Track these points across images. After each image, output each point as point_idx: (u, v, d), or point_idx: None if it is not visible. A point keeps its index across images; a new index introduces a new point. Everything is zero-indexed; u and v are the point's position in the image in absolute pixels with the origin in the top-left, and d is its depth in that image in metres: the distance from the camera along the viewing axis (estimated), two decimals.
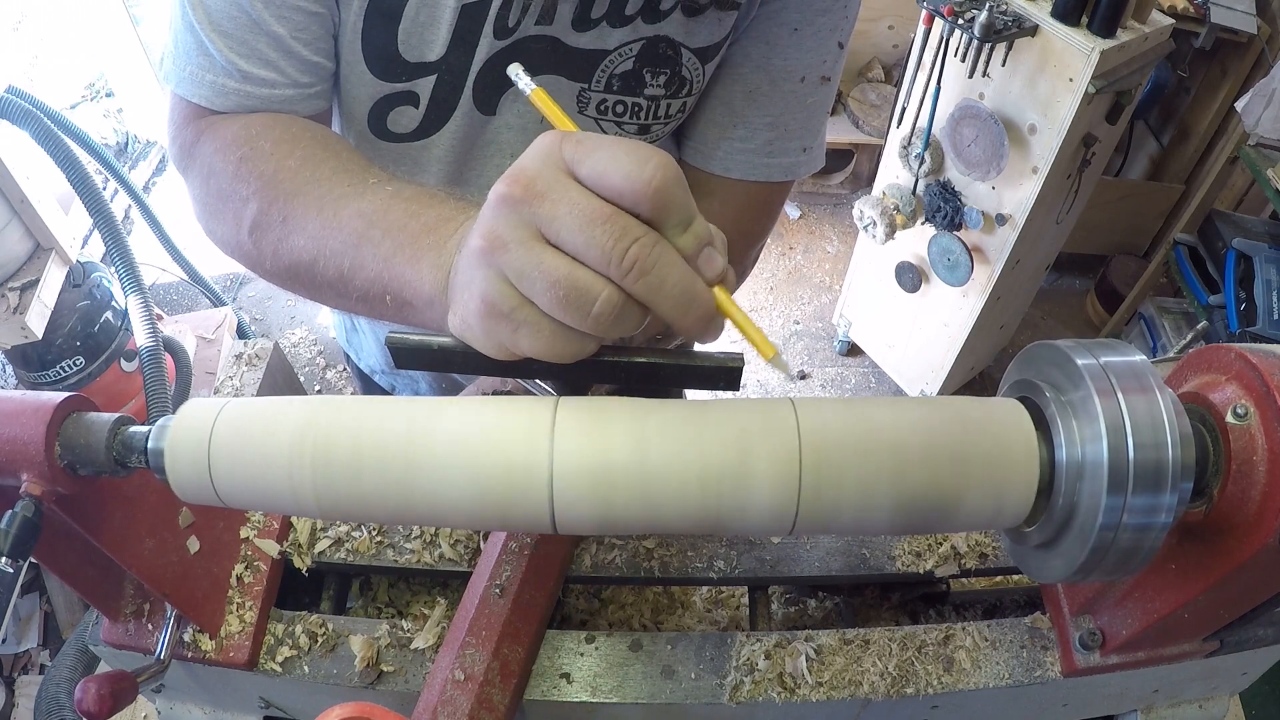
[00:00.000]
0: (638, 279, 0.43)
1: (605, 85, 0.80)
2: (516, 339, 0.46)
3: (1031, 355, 0.50)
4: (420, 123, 0.80)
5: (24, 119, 1.63)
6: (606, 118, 0.83)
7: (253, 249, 0.68)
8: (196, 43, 0.70)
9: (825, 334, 3.12)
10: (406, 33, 0.73)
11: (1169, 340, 2.66)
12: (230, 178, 0.68)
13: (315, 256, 0.62)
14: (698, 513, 0.46)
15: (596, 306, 0.43)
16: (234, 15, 0.69)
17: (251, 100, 0.72)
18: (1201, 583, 0.51)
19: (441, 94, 0.78)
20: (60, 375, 1.93)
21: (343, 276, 0.60)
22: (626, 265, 0.42)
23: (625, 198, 0.43)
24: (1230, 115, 2.74)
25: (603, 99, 0.81)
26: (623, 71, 0.79)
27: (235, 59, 0.70)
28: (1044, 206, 2.15)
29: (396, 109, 0.79)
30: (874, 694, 0.65)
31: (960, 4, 1.94)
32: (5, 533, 0.47)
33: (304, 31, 0.71)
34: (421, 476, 0.46)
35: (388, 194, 0.61)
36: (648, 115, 0.83)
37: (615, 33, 0.77)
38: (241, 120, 0.71)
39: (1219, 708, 0.76)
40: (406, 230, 0.57)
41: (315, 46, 0.72)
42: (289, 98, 0.73)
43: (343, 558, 0.74)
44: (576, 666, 0.68)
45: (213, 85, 0.71)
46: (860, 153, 3.44)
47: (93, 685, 0.56)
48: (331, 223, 0.61)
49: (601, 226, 0.42)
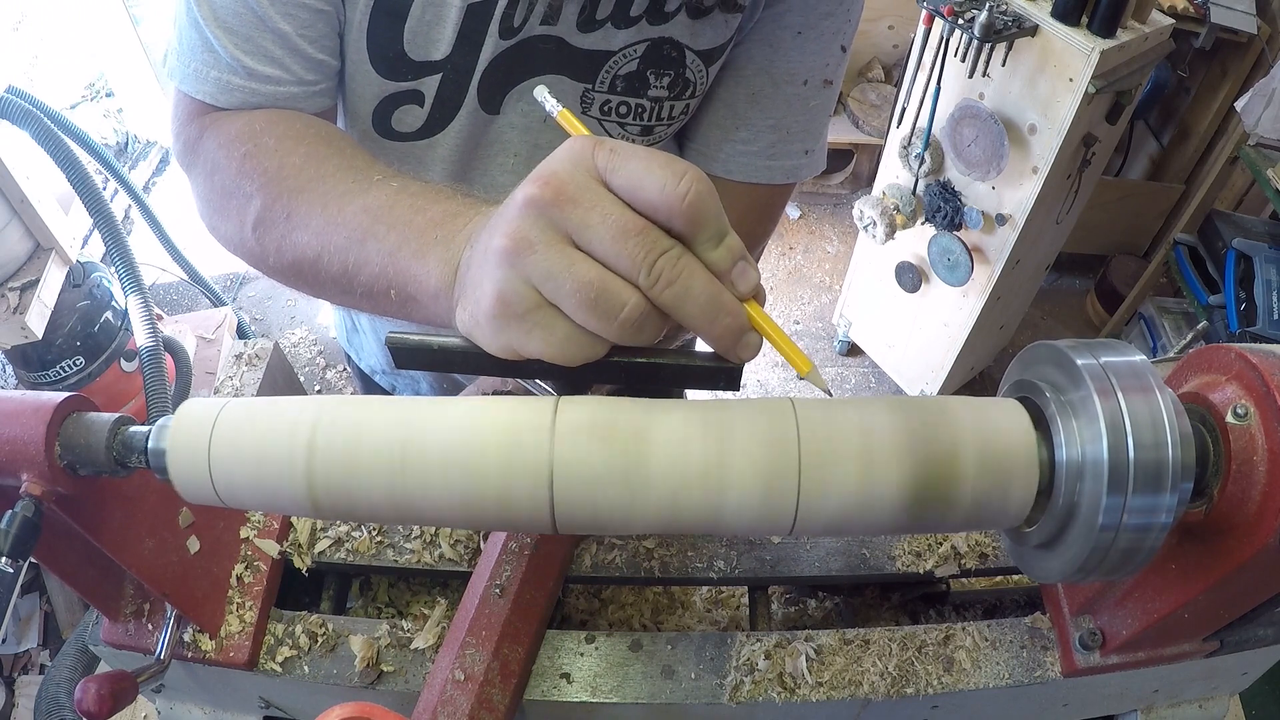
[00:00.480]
0: (665, 289, 0.43)
1: (609, 86, 0.80)
2: (528, 341, 0.46)
3: (1031, 355, 0.50)
4: (425, 122, 0.80)
5: (24, 119, 1.63)
6: (610, 118, 0.83)
7: (256, 246, 0.67)
8: (201, 39, 0.70)
9: (825, 334, 3.12)
10: (412, 32, 0.73)
11: (1169, 340, 2.66)
12: (234, 174, 0.68)
13: (319, 252, 0.62)
14: (698, 513, 0.46)
15: (625, 312, 0.43)
16: (240, 12, 0.69)
17: (256, 97, 0.72)
18: (1201, 583, 0.51)
19: (446, 93, 0.78)
20: (60, 375, 1.93)
21: (347, 272, 0.60)
22: (654, 276, 0.43)
23: (660, 211, 0.43)
24: (1230, 115, 2.74)
25: (606, 100, 0.81)
26: (627, 73, 0.79)
27: (240, 56, 0.70)
28: (1044, 206, 2.15)
29: (401, 108, 0.79)
30: (874, 694, 0.65)
31: (960, 4, 1.94)
32: (5, 533, 0.47)
33: (310, 29, 0.71)
34: (421, 476, 0.46)
35: (393, 189, 0.61)
36: (651, 117, 0.83)
37: (620, 34, 0.77)
38: (245, 116, 0.71)
39: (1219, 708, 0.76)
40: (412, 225, 0.57)
41: (321, 44, 0.72)
42: (294, 95, 0.73)
43: (343, 558, 0.74)
44: (576, 666, 0.68)
45: (217, 82, 0.71)
46: (860, 153, 3.44)
47: (93, 685, 0.56)
48: (336, 218, 0.61)
49: (635, 239, 0.43)
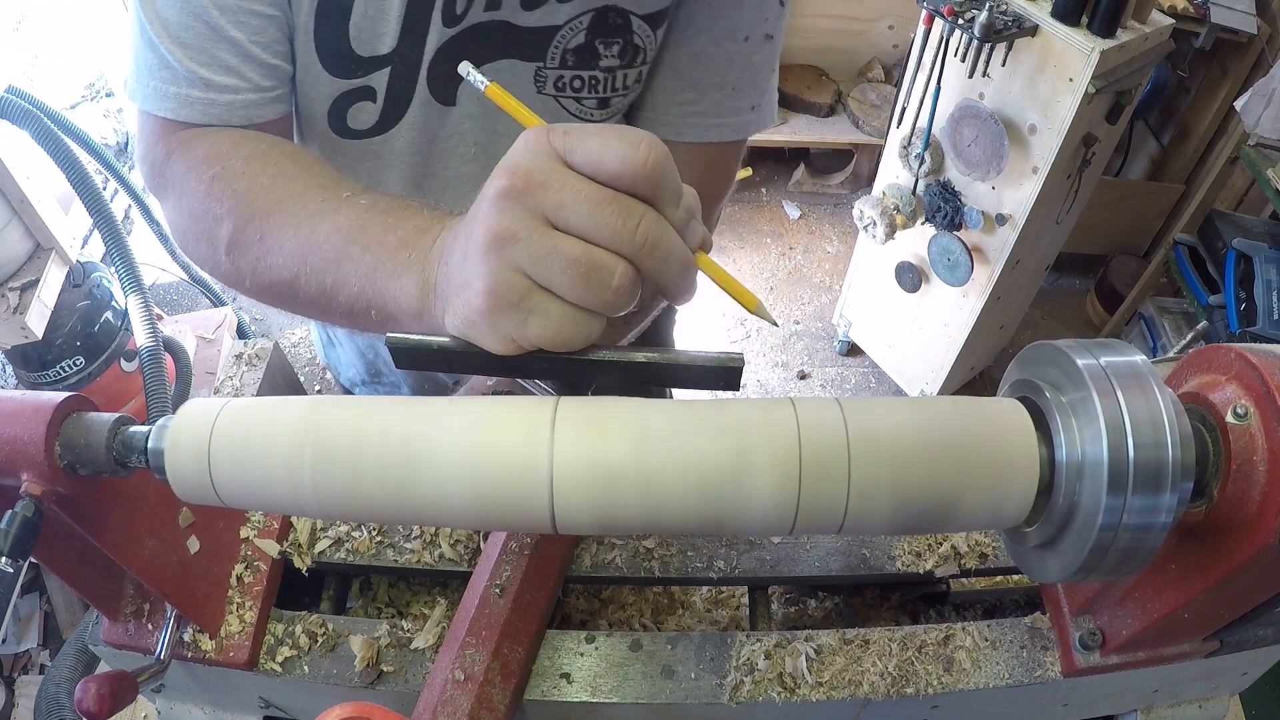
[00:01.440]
0: (650, 253, 0.46)
1: (560, 61, 0.80)
2: (525, 328, 0.47)
3: (1031, 355, 0.50)
4: (379, 117, 0.81)
5: (24, 119, 1.63)
6: (565, 94, 0.83)
7: (231, 269, 0.68)
8: (158, 57, 0.71)
9: (825, 334, 3.12)
10: (357, 27, 0.74)
11: (1169, 340, 2.66)
12: (203, 196, 0.69)
13: (296, 274, 0.62)
14: (698, 513, 0.46)
15: (615, 279, 0.45)
16: (191, 25, 0.70)
17: (216, 108, 0.72)
18: (1201, 583, 0.51)
19: (397, 86, 0.79)
20: (60, 375, 1.93)
21: (325, 293, 0.61)
22: (639, 241, 0.45)
23: (623, 179, 0.45)
24: (1230, 115, 2.74)
25: (559, 75, 0.81)
26: (575, 46, 0.79)
27: (196, 68, 0.71)
28: (1044, 206, 2.15)
29: (355, 105, 0.80)
30: (874, 694, 0.65)
31: (960, 4, 1.94)
32: (5, 533, 0.47)
33: (261, 35, 0.72)
34: (421, 476, 0.46)
35: (363, 207, 0.61)
36: (606, 88, 0.83)
37: (563, 7, 0.77)
38: (211, 139, 0.72)
39: (1219, 708, 0.76)
40: (385, 244, 0.58)
41: (273, 49, 0.73)
42: (252, 102, 0.74)
43: (343, 558, 0.74)
44: (576, 666, 0.68)
45: (177, 97, 0.72)
46: (860, 153, 3.44)
47: (93, 685, 0.56)
48: (309, 240, 0.62)
49: (611, 209, 0.45)
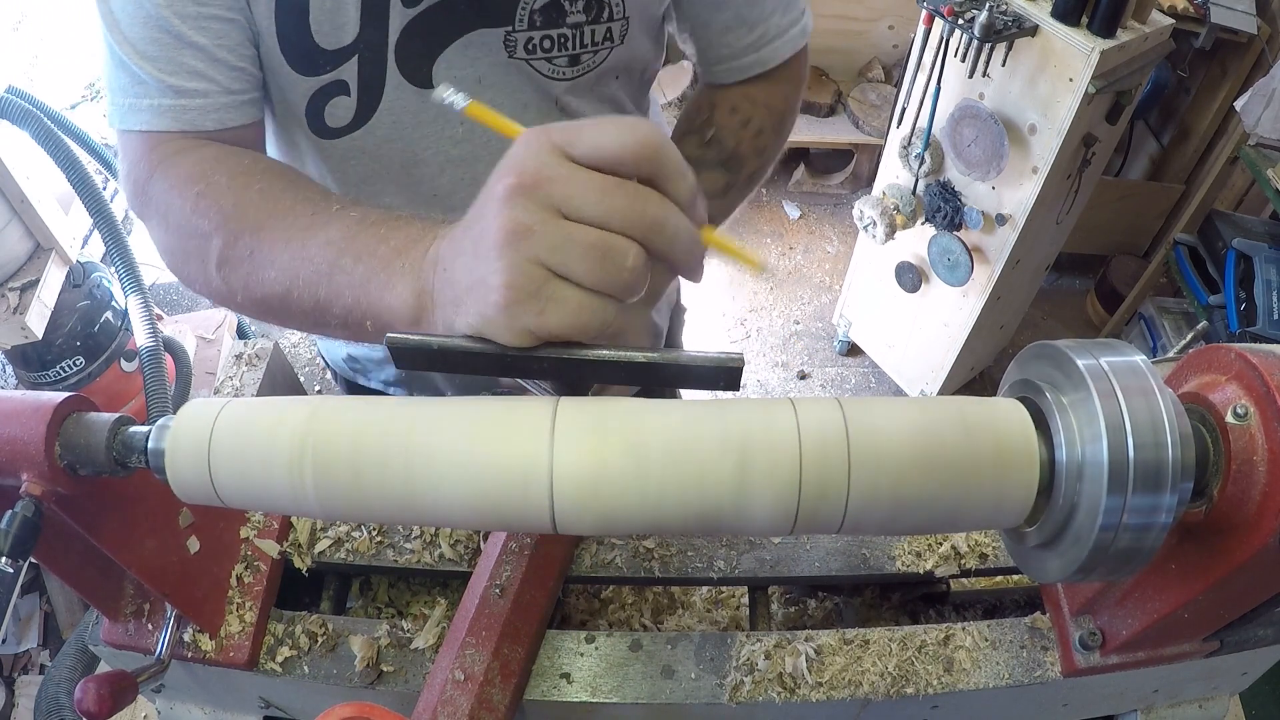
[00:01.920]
0: (659, 233, 0.47)
1: (528, 23, 0.81)
2: (544, 318, 0.47)
3: (1031, 355, 0.50)
4: (357, 109, 0.81)
5: (24, 119, 1.63)
6: (536, 55, 0.83)
7: (223, 285, 0.68)
8: (130, 75, 0.73)
9: (825, 334, 3.12)
10: (318, 21, 0.74)
11: (1169, 340, 2.66)
12: (189, 213, 0.69)
13: (288, 288, 0.62)
14: (698, 513, 0.46)
15: (630, 260, 0.46)
16: (156, 37, 0.71)
17: (189, 113, 0.73)
18: (1201, 583, 0.51)
19: (367, 73, 0.79)
20: (60, 375, 1.93)
21: (319, 306, 0.61)
22: (648, 222, 0.46)
23: (625, 164, 0.46)
24: (1230, 115, 2.74)
25: (529, 37, 0.82)
26: (542, 5, 0.80)
27: (165, 77, 0.72)
28: (1044, 206, 2.15)
29: (331, 101, 0.80)
30: (874, 694, 0.65)
31: (960, 4, 1.94)
32: (5, 533, 0.47)
33: (225, 38, 0.73)
34: (422, 476, 0.46)
35: (353, 220, 0.61)
36: (575, 45, 0.84)
37: None
38: (193, 156, 0.72)
39: (1219, 708, 0.76)
40: (377, 255, 0.58)
41: (239, 53, 0.74)
42: (223, 105, 0.74)
43: (343, 558, 0.74)
44: (576, 666, 0.68)
45: (150, 109, 0.73)
46: (860, 153, 3.44)
47: (93, 685, 0.56)
48: (300, 254, 0.62)
49: (617, 192, 0.46)
